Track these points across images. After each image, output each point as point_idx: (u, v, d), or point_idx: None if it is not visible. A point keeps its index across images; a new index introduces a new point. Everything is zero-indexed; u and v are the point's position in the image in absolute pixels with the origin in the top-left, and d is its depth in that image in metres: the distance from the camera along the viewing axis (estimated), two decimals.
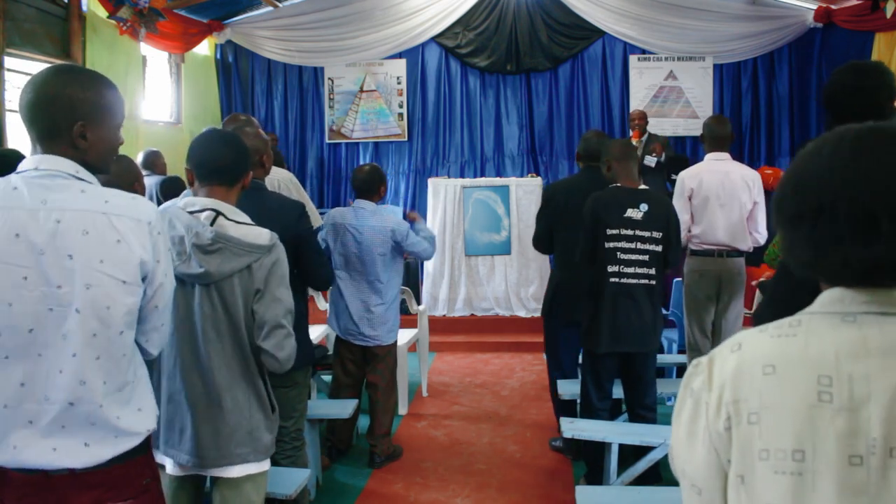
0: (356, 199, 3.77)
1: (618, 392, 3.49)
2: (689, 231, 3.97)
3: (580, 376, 3.56)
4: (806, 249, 0.93)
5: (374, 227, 3.66)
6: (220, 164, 2.09)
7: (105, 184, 1.59)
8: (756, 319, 1.96)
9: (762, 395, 0.90)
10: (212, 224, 2.00)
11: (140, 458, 1.60)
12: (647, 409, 3.39)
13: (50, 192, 1.48)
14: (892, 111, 1.76)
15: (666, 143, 6.60)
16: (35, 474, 1.50)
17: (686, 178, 3.98)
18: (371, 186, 3.72)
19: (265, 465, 2.15)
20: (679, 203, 3.92)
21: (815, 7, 7.49)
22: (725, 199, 3.89)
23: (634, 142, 6.26)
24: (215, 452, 2.04)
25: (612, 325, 3.22)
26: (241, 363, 2.05)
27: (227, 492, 2.10)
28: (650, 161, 6.25)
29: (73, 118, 1.51)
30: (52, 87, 1.51)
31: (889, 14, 6.02)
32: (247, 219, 2.08)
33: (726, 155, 4.01)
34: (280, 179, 3.30)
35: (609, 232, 3.20)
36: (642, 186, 3.31)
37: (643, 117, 6.55)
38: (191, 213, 2.02)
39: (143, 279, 1.56)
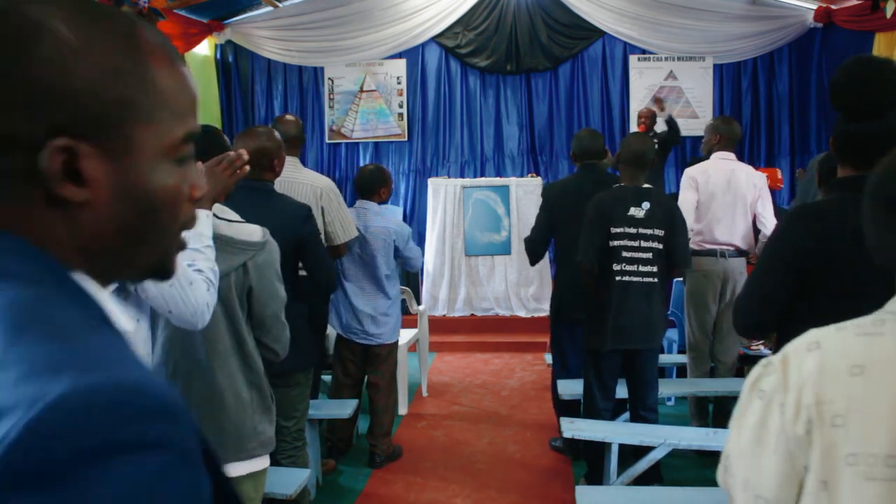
0: (358, 199, 3.79)
1: (620, 392, 3.49)
2: (692, 229, 3.95)
3: (583, 375, 3.55)
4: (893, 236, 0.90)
5: (377, 227, 3.70)
6: None
7: None
8: (735, 308, 1.93)
9: (850, 397, 0.86)
10: None
11: None
12: (649, 409, 3.38)
13: None
14: None
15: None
16: None
17: (692, 172, 3.99)
18: (371, 187, 3.75)
19: (266, 461, 2.15)
20: (687, 196, 3.91)
21: (815, 7, 7.49)
22: (730, 197, 3.88)
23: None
24: (221, 451, 2.04)
25: (616, 323, 3.23)
26: (241, 360, 2.05)
27: None
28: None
29: None
30: None
31: (889, 14, 6.02)
32: (237, 216, 2.07)
33: (732, 155, 4.02)
34: (323, 188, 3.26)
35: (613, 230, 3.22)
36: (645, 185, 3.32)
37: (651, 115, 6.57)
38: None
39: None
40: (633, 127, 7.48)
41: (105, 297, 0.62)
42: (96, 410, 0.47)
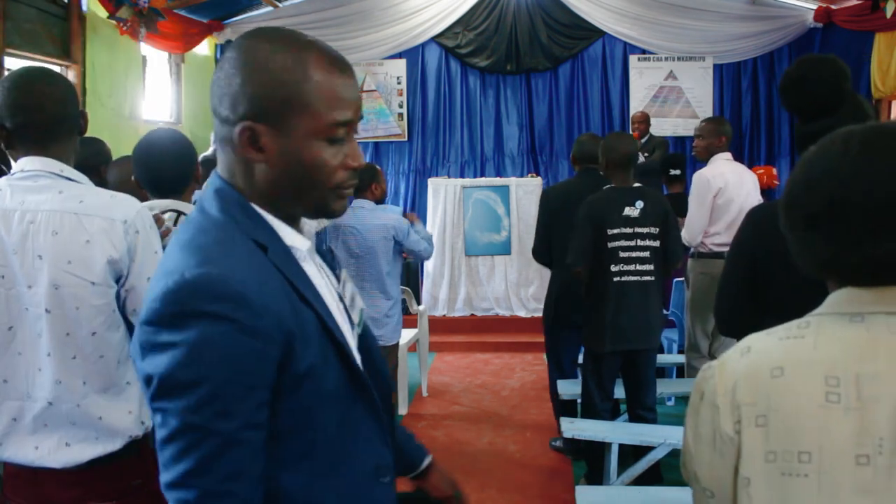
0: (353, 199, 3.78)
1: (618, 392, 3.49)
2: (706, 231, 3.90)
3: (581, 377, 3.56)
4: (826, 248, 0.92)
5: (374, 225, 3.67)
6: (165, 176, 2.05)
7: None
8: (714, 306, 1.96)
9: (770, 398, 0.91)
10: (175, 224, 1.97)
11: (130, 459, 1.58)
12: (647, 409, 3.39)
13: (29, 194, 1.50)
14: (851, 103, 1.73)
15: (665, 144, 6.58)
16: (23, 468, 1.53)
17: (711, 178, 3.86)
18: (360, 184, 3.72)
19: None
20: (703, 201, 3.84)
21: (815, 7, 7.49)
22: (744, 200, 3.85)
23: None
24: None
25: (615, 325, 3.23)
26: None
27: None
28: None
29: (78, 113, 1.61)
30: (51, 84, 1.57)
31: (889, 14, 6.02)
32: None
33: (730, 154, 4.01)
34: None
35: (610, 232, 3.22)
36: (636, 185, 3.32)
37: (645, 120, 6.50)
38: None
39: (118, 280, 1.52)
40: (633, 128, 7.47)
41: (279, 223, 0.97)
42: (190, 290, 0.85)
